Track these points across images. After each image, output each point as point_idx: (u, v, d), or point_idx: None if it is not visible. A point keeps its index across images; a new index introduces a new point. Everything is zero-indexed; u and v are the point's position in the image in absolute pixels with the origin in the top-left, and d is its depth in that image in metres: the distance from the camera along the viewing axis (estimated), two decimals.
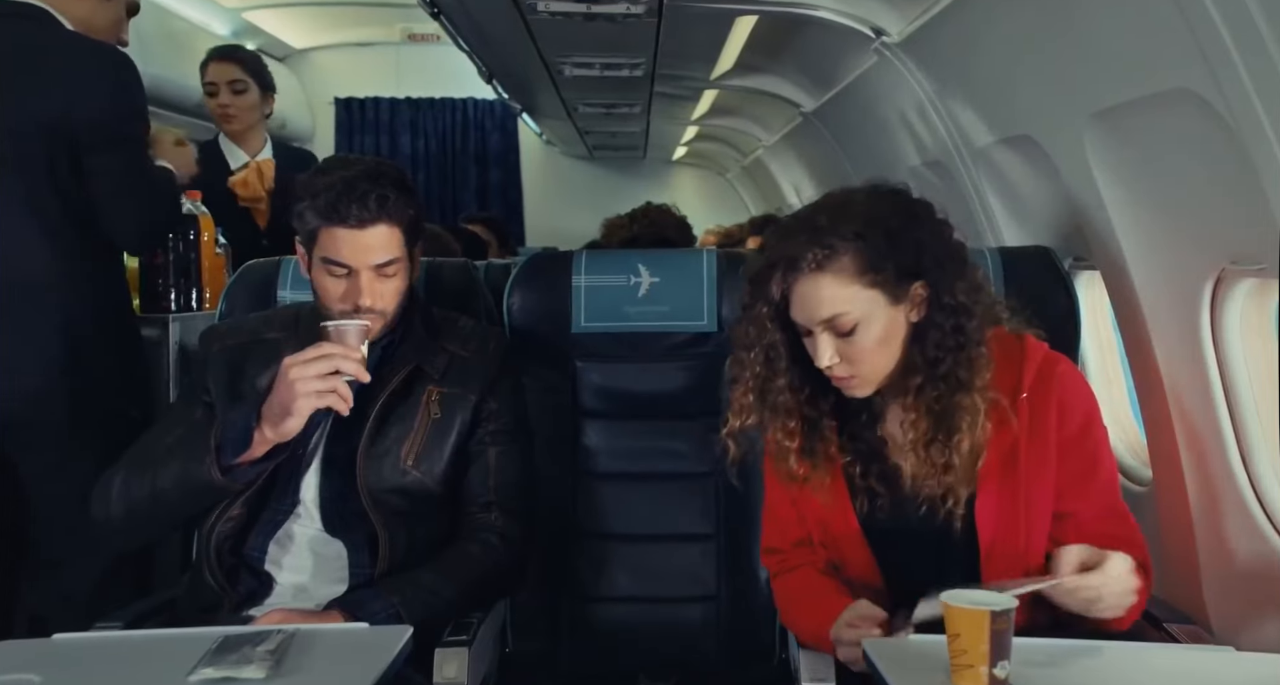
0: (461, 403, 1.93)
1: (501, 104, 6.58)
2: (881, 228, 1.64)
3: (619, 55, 3.51)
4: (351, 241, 1.82)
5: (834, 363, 1.65)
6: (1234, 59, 1.40)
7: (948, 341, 1.64)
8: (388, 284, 1.86)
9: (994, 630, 1.29)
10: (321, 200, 1.82)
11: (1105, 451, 1.72)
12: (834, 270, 1.62)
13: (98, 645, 1.47)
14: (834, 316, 1.63)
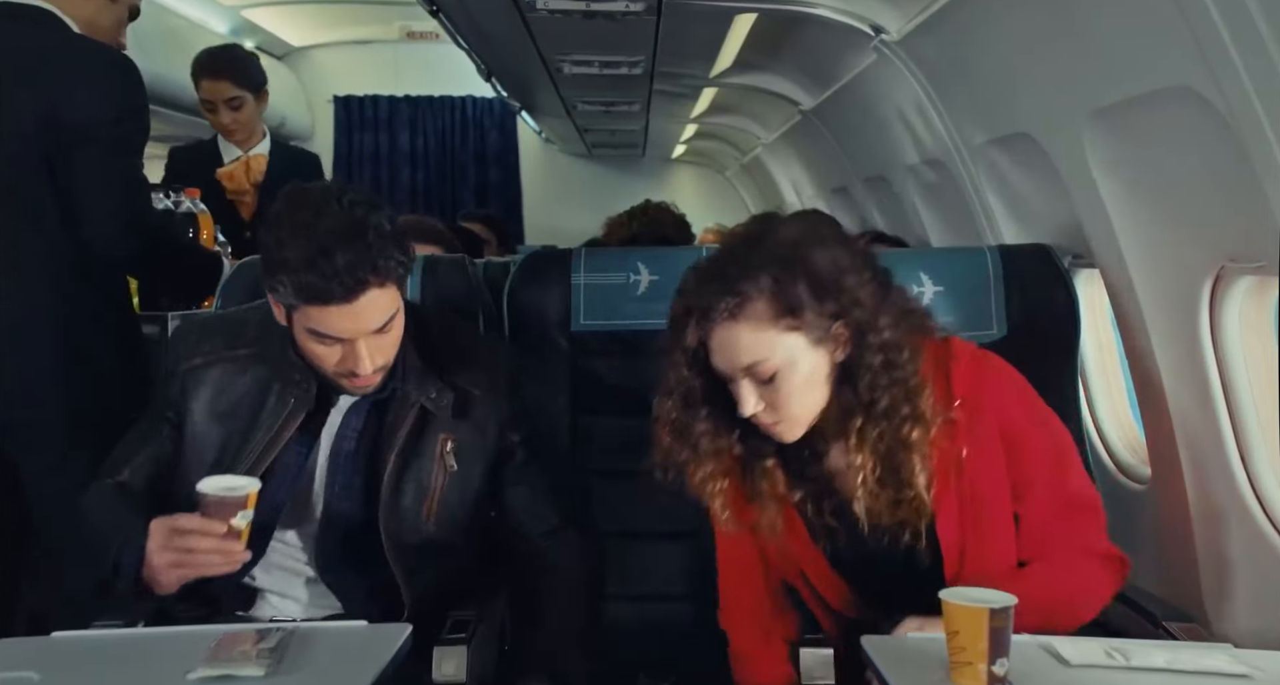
0: (479, 451, 1.82)
1: (500, 102, 6.57)
2: (795, 270, 1.57)
3: (618, 53, 3.51)
4: (342, 316, 1.61)
5: (758, 410, 1.60)
6: (1233, 57, 1.40)
7: (881, 379, 1.59)
8: (386, 338, 1.68)
9: (993, 627, 1.30)
10: (298, 278, 1.58)
11: (1047, 440, 1.68)
12: (748, 317, 1.57)
13: (97, 643, 1.47)
14: (753, 364, 1.57)
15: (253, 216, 3.44)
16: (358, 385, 1.71)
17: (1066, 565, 1.65)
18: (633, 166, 7.47)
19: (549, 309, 2.25)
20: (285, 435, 1.74)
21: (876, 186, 3.93)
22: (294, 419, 1.75)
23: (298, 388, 1.75)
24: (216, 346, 1.82)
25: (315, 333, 1.65)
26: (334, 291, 1.58)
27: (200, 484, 1.56)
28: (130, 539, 1.61)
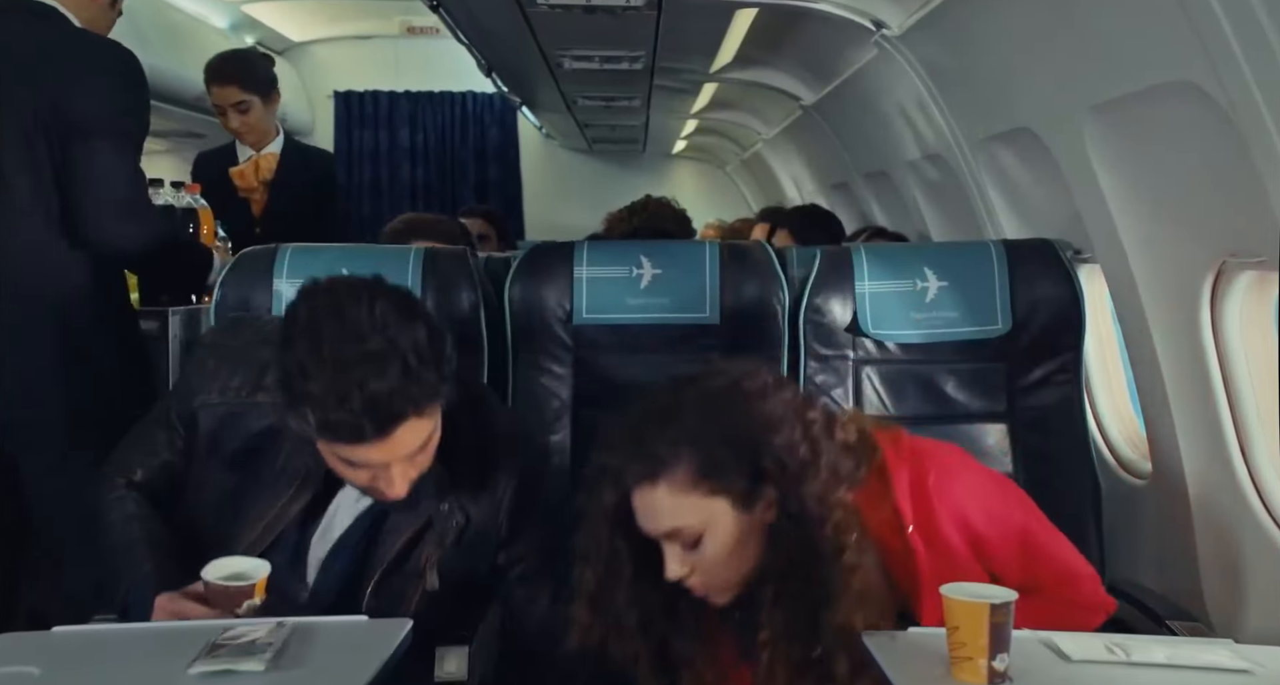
0: (463, 575, 1.70)
1: (501, 97, 6.56)
2: (716, 433, 1.48)
3: (618, 48, 3.50)
4: (372, 451, 1.48)
5: (684, 574, 1.50)
6: (1235, 51, 1.40)
7: (797, 555, 1.48)
8: (420, 458, 1.55)
9: (993, 623, 1.29)
10: (325, 417, 1.43)
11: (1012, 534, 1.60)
12: (668, 482, 1.47)
13: (97, 638, 1.47)
14: (674, 530, 1.48)
15: (262, 212, 3.51)
16: (387, 498, 1.58)
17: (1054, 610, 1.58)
18: (633, 162, 7.46)
19: (551, 302, 2.24)
20: (290, 512, 1.65)
21: (877, 182, 3.93)
22: (300, 498, 1.65)
23: (310, 461, 1.62)
24: (234, 386, 1.70)
25: (342, 460, 1.52)
26: (366, 431, 1.44)
27: (206, 570, 1.48)
28: (137, 593, 1.58)
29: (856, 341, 2.15)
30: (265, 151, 3.57)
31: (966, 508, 1.57)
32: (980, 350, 2.13)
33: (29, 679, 1.28)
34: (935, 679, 1.32)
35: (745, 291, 2.23)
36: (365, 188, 6.95)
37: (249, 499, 1.66)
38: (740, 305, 2.23)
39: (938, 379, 2.15)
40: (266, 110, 3.55)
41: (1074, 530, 1.82)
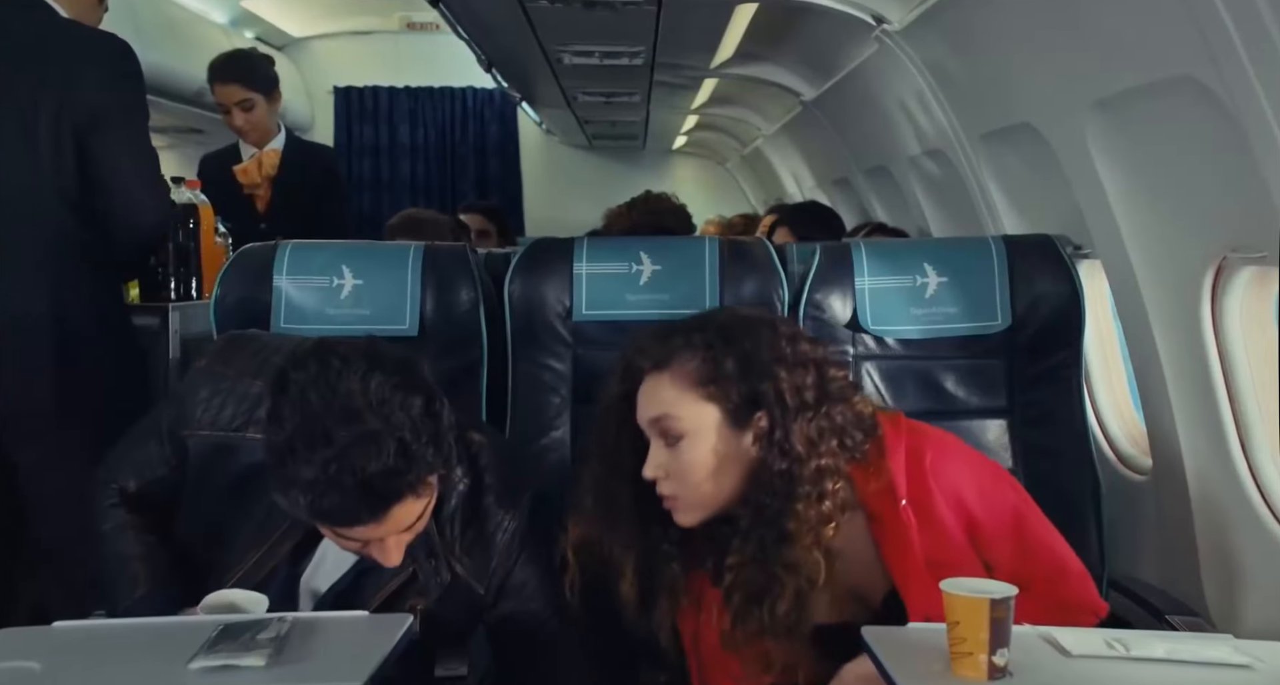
0: (448, 627, 1.65)
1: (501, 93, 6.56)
2: (735, 347, 1.56)
3: (618, 43, 3.50)
4: (365, 531, 1.45)
5: (658, 475, 1.56)
6: (1236, 46, 1.39)
7: (776, 485, 1.53)
8: (416, 525, 1.51)
9: (993, 618, 1.29)
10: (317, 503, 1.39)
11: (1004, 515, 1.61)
12: (674, 372, 1.56)
13: (97, 633, 1.46)
14: (661, 416, 1.55)
15: (267, 208, 3.56)
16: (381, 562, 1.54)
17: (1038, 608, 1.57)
18: (633, 158, 7.46)
19: (550, 299, 2.23)
20: (280, 551, 1.62)
21: (878, 178, 3.92)
22: (289, 538, 1.62)
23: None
24: (224, 419, 1.64)
25: (333, 532, 1.49)
26: (361, 516, 1.41)
27: (203, 603, 1.47)
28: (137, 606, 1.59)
29: (856, 337, 2.15)
30: (268, 148, 3.61)
31: (962, 487, 1.60)
32: (980, 346, 2.13)
33: (30, 674, 1.28)
34: (935, 674, 1.31)
35: (745, 288, 2.22)
36: (365, 183, 6.96)
37: (240, 533, 1.63)
38: (740, 301, 2.21)
39: (938, 375, 2.14)
40: (269, 108, 3.60)
41: (1074, 526, 1.84)
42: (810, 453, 1.54)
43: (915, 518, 1.57)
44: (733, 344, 1.57)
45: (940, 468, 1.60)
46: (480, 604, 1.67)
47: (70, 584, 2.27)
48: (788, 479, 1.53)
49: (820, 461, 1.54)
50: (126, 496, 1.72)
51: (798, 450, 1.53)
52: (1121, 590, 1.99)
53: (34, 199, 2.25)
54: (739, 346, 1.56)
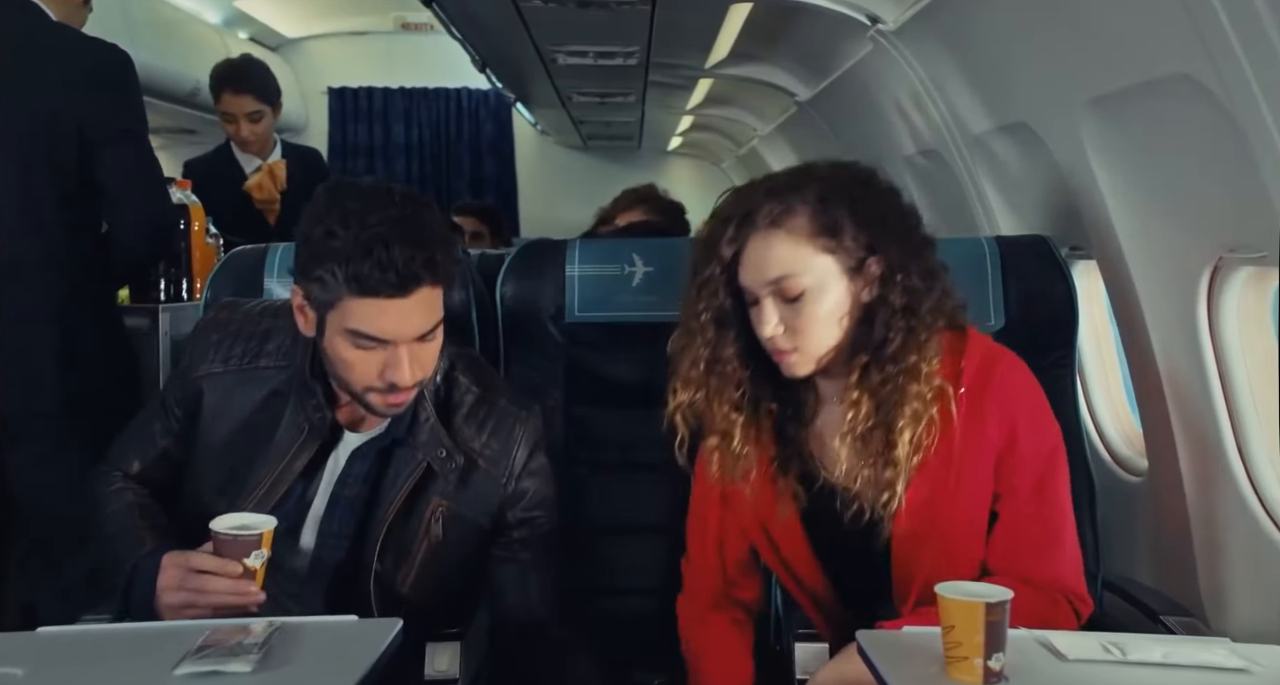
0: (469, 527, 1.71)
1: (496, 93, 6.55)
2: (844, 195, 1.57)
3: (613, 43, 3.49)
4: (390, 312, 1.52)
5: (777, 333, 1.57)
6: (1233, 44, 1.38)
7: (898, 321, 1.56)
8: (427, 351, 1.60)
9: (989, 622, 1.28)
10: (352, 268, 1.49)
11: (1042, 450, 1.64)
12: (789, 228, 1.56)
13: (82, 638, 1.45)
14: (782, 277, 1.55)
15: (277, 222, 3.49)
16: (390, 404, 1.61)
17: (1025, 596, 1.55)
18: (628, 159, 7.44)
19: (543, 300, 2.23)
20: (298, 465, 1.67)
21: None
22: (304, 452, 1.67)
23: (313, 415, 1.67)
24: (236, 355, 1.73)
25: (356, 335, 1.54)
26: (389, 281, 1.50)
27: (214, 522, 1.49)
28: (143, 567, 1.57)
29: None
30: (273, 160, 3.55)
31: (1018, 405, 1.62)
32: None
33: (13, 680, 1.26)
34: (930, 678, 1.30)
35: None
36: None
37: (255, 465, 1.67)
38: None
39: None
40: (274, 119, 3.57)
41: None
42: (928, 287, 1.58)
43: (965, 410, 1.59)
44: (844, 194, 1.57)
45: (1009, 380, 1.63)
46: (499, 498, 1.71)
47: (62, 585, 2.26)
48: (909, 314, 1.56)
49: (935, 299, 1.59)
50: (129, 479, 1.75)
51: (917, 284, 1.57)
52: (1116, 591, 1.98)
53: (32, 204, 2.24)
54: (847, 195, 1.58)
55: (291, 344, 1.71)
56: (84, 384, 2.28)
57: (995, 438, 1.61)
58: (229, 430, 1.70)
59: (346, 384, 1.62)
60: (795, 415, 1.69)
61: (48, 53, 2.25)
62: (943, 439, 1.60)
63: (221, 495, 1.66)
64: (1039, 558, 1.63)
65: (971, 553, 1.64)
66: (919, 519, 1.61)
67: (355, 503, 1.69)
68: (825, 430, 1.69)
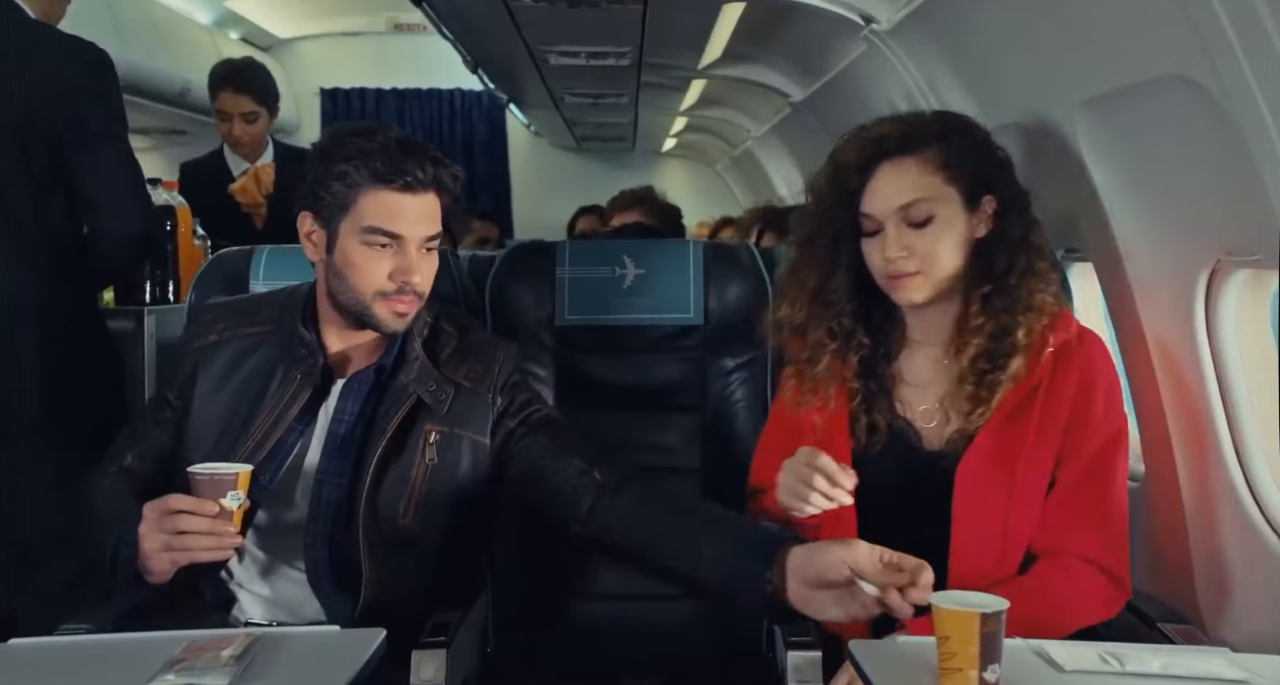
0: (464, 445, 1.76)
1: (489, 95, 6.52)
2: (964, 135, 1.71)
3: (605, 43, 3.47)
4: (406, 207, 1.66)
5: (901, 256, 1.65)
6: (1231, 44, 1.36)
7: (1019, 252, 1.67)
8: (429, 261, 1.72)
9: (984, 632, 1.25)
10: (377, 162, 1.64)
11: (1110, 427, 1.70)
12: (919, 157, 1.66)
13: (55, 651, 1.41)
14: (912, 202, 1.65)
15: (265, 226, 3.44)
16: (397, 311, 1.70)
17: (1070, 573, 1.66)
18: (622, 160, 7.42)
19: (533, 303, 2.21)
20: (291, 412, 1.74)
21: None
22: (300, 396, 1.74)
23: (305, 363, 1.75)
24: (230, 324, 1.82)
25: (372, 232, 1.66)
26: (410, 172, 1.65)
27: (191, 467, 1.54)
28: (129, 528, 1.56)
29: None
30: (262, 163, 3.51)
31: (1098, 378, 1.70)
32: None
33: None
34: None
35: (729, 291, 2.21)
36: None
37: (249, 421, 1.74)
38: (724, 305, 2.21)
39: None
40: (269, 123, 3.54)
41: None
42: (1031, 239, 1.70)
43: (1050, 370, 1.68)
44: (961, 134, 1.71)
45: (1095, 352, 1.72)
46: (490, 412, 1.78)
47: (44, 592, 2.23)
48: (1025, 247, 1.68)
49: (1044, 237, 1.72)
50: (121, 471, 1.78)
51: (1034, 218, 1.71)
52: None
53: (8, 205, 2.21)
54: (969, 136, 1.72)
55: (280, 309, 1.82)
56: (65, 388, 2.25)
57: (1069, 404, 1.68)
58: (223, 396, 1.77)
59: (356, 292, 1.70)
60: (885, 354, 1.77)
61: (23, 52, 2.22)
62: (1027, 386, 1.67)
63: (216, 449, 1.71)
64: (1087, 534, 1.67)
65: (1029, 515, 1.69)
66: (988, 463, 1.67)
67: (350, 440, 1.73)
68: (907, 371, 1.78)
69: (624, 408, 2.23)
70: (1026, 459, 1.68)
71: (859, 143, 1.71)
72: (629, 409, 2.23)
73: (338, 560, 1.72)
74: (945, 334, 1.75)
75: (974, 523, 1.67)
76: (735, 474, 2.16)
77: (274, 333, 1.80)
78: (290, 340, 1.77)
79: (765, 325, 1.85)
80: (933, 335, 1.76)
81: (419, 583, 1.76)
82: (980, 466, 1.68)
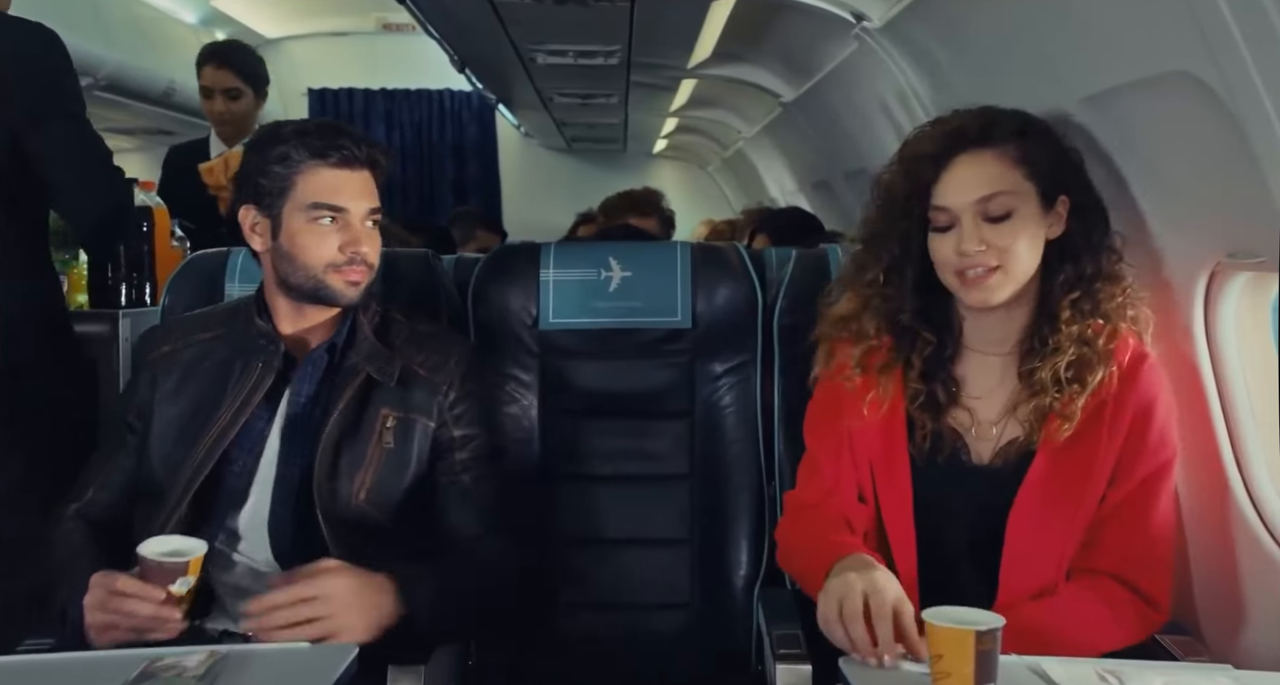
0: (416, 430, 1.80)
1: (479, 95, 6.48)
2: (1042, 133, 1.65)
3: (592, 42, 3.43)
4: (346, 182, 1.73)
5: (979, 249, 1.58)
6: (1236, 39, 1.31)
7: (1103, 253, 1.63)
8: (374, 236, 1.78)
9: (979, 651, 1.21)
10: (313, 140, 1.72)
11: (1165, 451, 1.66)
12: (998, 148, 1.60)
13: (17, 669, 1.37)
14: (992, 195, 1.59)
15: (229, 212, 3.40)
16: (350, 281, 1.74)
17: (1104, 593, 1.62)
18: (614, 162, 7.39)
19: (516, 306, 2.17)
20: (255, 399, 1.75)
21: (859, 180, 3.85)
22: (263, 383, 1.76)
23: (264, 352, 1.78)
24: (184, 333, 1.85)
25: (317, 207, 1.72)
26: (346, 147, 1.72)
27: (141, 546, 1.48)
28: (77, 589, 1.56)
29: None
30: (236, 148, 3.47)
31: (1155, 404, 1.65)
32: None
33: None
34: None
35: (718, 294, 2.17)
36: None
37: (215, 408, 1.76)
38: (713, 308, 2.17)
39: None
40: (255, 106, 3.51)
41: None
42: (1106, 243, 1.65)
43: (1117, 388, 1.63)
44: (1039, 132, 1.65)
45: (1154, 378, 1.66)
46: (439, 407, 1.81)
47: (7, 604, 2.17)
48: (1102, 242, 1.64)
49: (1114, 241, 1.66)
50: (83, 508, 1.78)
51: (1109, 215, 1.66)
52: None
53: None
54: (1046, 134, 1.66)
55: (230, 313, 1.87)
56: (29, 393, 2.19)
57: (1127, 426, 1.63)
58: (184, 396, 1.79)
59: (308, 269, 1.74)
60: (946, 358, 1.70)
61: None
62: (1096, 400, 1.62)
63: (178, 445, 1.74)
64: (1126, 555, 1.63)
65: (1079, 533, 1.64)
66: (1050, 481, 1.62)
67: (307, 422, 1.76)
68: (965, 379, 1.71)
69: (610, 414, 2.19)
70: (1085, 478, 1.62)
71: (934, 134, 1.65)
72: (615, 415, 2.19)
73: (303, 542, 1.71)
74: (1008, 342, 1.69)
75: (1029, 541, 1.61)
76: (725, 481, 2.13)
77: (227, 334, 1.83)
78: (246, 336, 1.80)
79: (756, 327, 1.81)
80: (993, 344, 1.70)
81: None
82: (1042, 484, 1.62)
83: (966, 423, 1.69)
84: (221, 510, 1.73)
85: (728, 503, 2.12)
